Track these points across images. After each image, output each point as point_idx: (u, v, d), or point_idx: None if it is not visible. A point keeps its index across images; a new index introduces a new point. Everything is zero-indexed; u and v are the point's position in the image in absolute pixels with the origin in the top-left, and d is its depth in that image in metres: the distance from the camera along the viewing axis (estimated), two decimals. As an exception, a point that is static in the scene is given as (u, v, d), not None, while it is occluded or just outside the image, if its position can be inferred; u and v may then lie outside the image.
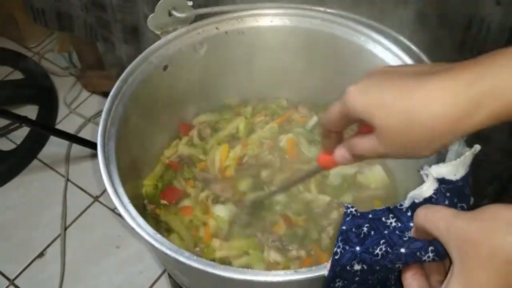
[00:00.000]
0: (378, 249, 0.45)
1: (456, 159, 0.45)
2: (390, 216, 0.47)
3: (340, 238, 0.48)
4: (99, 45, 1.21)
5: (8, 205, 1.31)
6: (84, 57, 1.46)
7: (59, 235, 1.24)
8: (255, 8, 0.76)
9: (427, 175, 0.45)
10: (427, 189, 0.44)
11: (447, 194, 0.44)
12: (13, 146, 1.40)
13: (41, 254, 1.22)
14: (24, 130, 1.41)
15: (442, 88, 0.38)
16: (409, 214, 0.46)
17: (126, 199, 0.59)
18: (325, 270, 0.49)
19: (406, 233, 0.45)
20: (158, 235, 0.55)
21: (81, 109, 1.50)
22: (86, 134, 1.42)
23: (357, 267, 0.47)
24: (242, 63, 0.81)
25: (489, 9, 0.71)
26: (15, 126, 1.41)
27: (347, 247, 0.47)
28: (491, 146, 0.84)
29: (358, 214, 0.49)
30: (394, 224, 0.46)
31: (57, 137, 1.28)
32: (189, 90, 0.81)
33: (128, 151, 0.69)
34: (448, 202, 0.44)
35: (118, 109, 0.68)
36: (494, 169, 0.92)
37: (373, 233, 0.47)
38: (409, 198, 0.46)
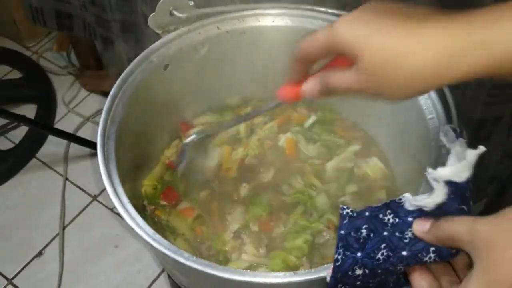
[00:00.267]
0: (380, 253, 0.45)
1: (460, 161, 0.45)
2: (388, 212, 0.46)
3: (340, 245, 0.47)
4: (98, 44, 1.21)
5: (6, 204, 1.30)
6: (82, 56, 1.46)
7: (58, 234, 1.24)
8: (257, 8, 0.76)
9: (436, 180, 0.45)
10: (438, 196, 0.44)
11: (451, 196, 0.44)
12: (11, 146, 1.40)
13: (39, 253, 1.22)
14: (22, 130, 1.41)
15: (432, 37, 0.38)
16: (407, 208, 0.45)
17: (125, 199, 0.59)
18: (324, 272, 0.49)
19: (406, 232, 0.44)
20: (157, 235, 0.55)
21: (79, 108, 1.50)
22: (84, 134, 1.42)
23: (358, 272, 0.46)
24: (243, 63, 0.81)
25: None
26: (14, 125, 1.41)
27: (348, 253, 0.47)
28: (491, 146, 0.84)
29: (355, 215, 0.48)
30: (392, 220, 0.46)
31: (55, 136, 1.27)
32: (189, 89, 0.80)
33: (127, 151, 0.68)
34: (457, 205, 0.44)
35: (118, 108, 0.67)
36: (494, 169, 0.92)
37: (372, 235, 0.46)
38: (413, 205, 0.45)
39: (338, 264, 0.47)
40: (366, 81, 0.42)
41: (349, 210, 0.49)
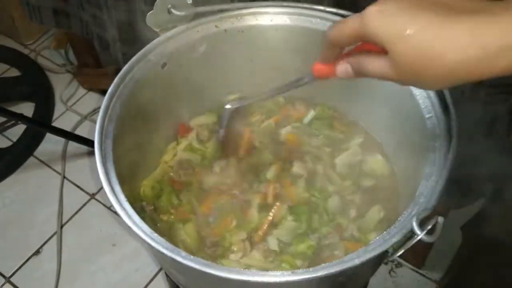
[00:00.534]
0: None
1: None
2: None
3: None
4: (95, 42, 1.20)
5: (4, 202, 1.30)
6: (81, 54, 1.46)
7: (55, 233, 1.24)
8: (255, 6, 0.76)
9: None
10: None
11: None
12: (9, 144, 1.40)
13: (37, 252, 1.22)
14: (20, 128, 1.40)
15: (471, 32, 0.37)
16: None
17: (122, 197, 0.58)
18: (322, 271, 0.49)
19: None
20: (155, 234, 0.55)
21: (77, 106, 1.50)
22: (82, 132, 1.41)
23: None
24: (241, 62, 0.81)
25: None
26: (12, 123, 1.40)
27: None
28: (490, 145, 0.84)
29: None
30: None
31: (53, 134, 1.27)
32: (187, 88, 0.80)
33: (125, 150, 0.68)
34: None
35: (115, 106, 0.67)
36: (494, 168, 0.91)
37: None
38: None
39: None
40: (401, 73, 0.41)
41: None
